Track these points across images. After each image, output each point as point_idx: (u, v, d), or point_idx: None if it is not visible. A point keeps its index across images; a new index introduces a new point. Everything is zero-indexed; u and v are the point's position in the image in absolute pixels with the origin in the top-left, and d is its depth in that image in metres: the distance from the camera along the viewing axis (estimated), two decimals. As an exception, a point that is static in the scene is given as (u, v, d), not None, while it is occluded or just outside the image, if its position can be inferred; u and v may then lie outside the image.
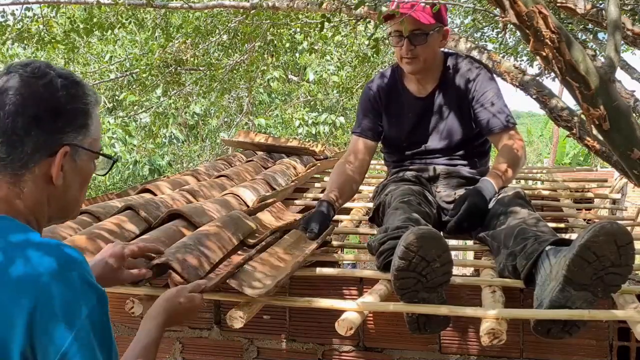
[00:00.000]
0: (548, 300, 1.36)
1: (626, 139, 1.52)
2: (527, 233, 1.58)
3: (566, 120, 2.47)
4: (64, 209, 0.96)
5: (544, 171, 3.68)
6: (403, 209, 1.80)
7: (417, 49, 2.00)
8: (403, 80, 2.17)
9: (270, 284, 1.44)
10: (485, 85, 2.06)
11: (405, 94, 2.16)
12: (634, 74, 4.21)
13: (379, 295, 1.51)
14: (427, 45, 2.01)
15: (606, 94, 1.47)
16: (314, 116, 8.55)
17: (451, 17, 6.21)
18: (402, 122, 2.16)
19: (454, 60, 2.12)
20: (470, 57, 2.22)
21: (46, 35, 4.82)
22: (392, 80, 2.18)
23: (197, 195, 2.25)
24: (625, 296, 1.47)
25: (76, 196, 0.97)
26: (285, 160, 3.05)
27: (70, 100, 0.90)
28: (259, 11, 4.53)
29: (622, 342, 1.69)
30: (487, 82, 2.07)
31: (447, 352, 1.75)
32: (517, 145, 2.01)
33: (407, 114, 2.15)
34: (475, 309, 1.42)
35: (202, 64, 6.03)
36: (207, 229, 1.64)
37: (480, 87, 2.06)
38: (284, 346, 1.88)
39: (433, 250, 1.40)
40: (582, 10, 2.21)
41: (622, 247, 1.30)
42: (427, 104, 2.12)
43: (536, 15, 1.39)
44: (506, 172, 1.94)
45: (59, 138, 0.90)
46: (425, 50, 2.01)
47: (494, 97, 2.05)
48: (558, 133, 12.61)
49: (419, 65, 2.04)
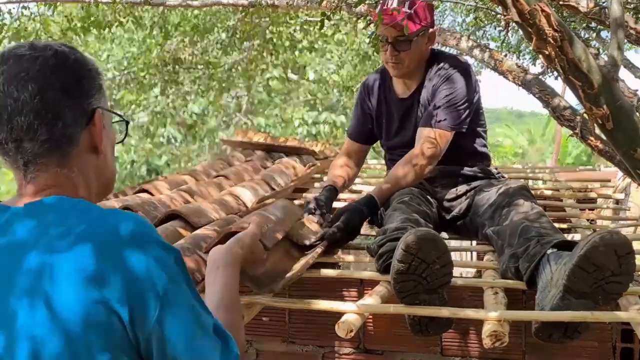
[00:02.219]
0: (549, 307, 1.35)
1: (629, 139, 1.51)
2: (530, 232, 1.57)
3: (569, 120, 2.45)
4: (107, 182, 0.93)
5: (546, 171, 3.66)
6: (402, 210, 1.79)
7: (400, 55, 2.01)
8: (391, 81, 2.17)
9: (275, 283, 1.43)
10: (445, 86, 2.02)
11: (392, 95, 2.17)
12: (637, 73, 4.19)
13: (380, 297, 1.49)
14: (411, 51, 2.01)
15: (609, 92, 1.45)
16: (314, 115, 8.54)
17: (453, 16, 6.20)
18: (390, 123, 2.18)
19: (438, 60, 2.09)
20: (456, 56, 2.17)
21: (43, 34, 4.80)
22: (381, 81, 2.20)
23: (195, 195, 2.23)
24: (628, 297, 1.45)
25: (113, 166, 0.93)
26: (284, 160, 3.03)
27: (82, 64, 0.87)
28: (258, 9, 4.51)
29: (625, 344, 1.68)
30: (452, 82, 2.01)
31: (448, 354, 1.74)
32: (421, 151, 1.96)
33: (393, 115, 2.17)
34: (477, 311, 1.41)
35: (201, 63, 6.02)
36: (206, 232, 1.63)
37: (441, 86, 2.02)
38: (283, 348, 1.86)
39: (432, 252, 1.38)
40: (585, 9, 2.19)
41: (622, 257, 1.28)
42: (408, 104, 2.12)
43: (539, 13, 1.37)
44: (398, 179, 1.95)
45: (90, 102, 0.86)
46: (408, 56, 2.01)
47: (444, 97, 2.00)
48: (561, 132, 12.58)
49: (403, 69, 2.05)
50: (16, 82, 0.80)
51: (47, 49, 0.84)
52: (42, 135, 0.81)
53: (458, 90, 2.01)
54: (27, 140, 0.81)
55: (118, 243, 0.76)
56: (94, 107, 0.86)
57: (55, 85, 0.82)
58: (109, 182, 0.93)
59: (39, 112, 0.81)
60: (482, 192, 1.97)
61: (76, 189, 0.85)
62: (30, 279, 0.75)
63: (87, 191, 0.87)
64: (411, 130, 2.11)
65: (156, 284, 0.76)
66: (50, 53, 0.83)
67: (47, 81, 0.81)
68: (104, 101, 0.89)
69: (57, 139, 0.82)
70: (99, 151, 0.88)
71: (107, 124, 0.91)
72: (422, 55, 2.07)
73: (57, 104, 0.82)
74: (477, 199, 1.97)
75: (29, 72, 0.81)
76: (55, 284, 0.74)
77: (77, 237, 0.76)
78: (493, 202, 1.86)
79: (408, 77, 2.10)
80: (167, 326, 0.77)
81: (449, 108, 1.99)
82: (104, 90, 0.91)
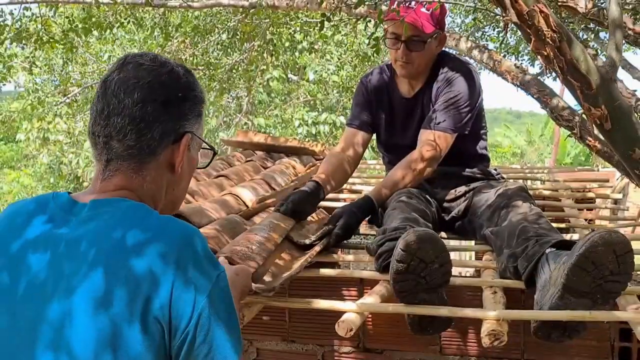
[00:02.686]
0: (547, 306, 1.36)
1: (628, 139, 1.51)
2: (528, 232, 1.57)
3: (567, 120, 2.46)
4: (176, 200, 0.97)
5: (545, 171, 3.67)
6: (401, 209, 1.79)
7: (412, 55, 1.99)
8: (395, 80, 2.16)
9: (273, 280, 1.44)
10: (449, 88, 2.02)
11: (396, 93, 2.16)
12: (635, 74, 4.20)
13: (379, 296, 1.50)
14: (424, 52, 1.99)
15: (607, 93, 1.46)
16: (314, 116, 8.55)
17: (452, 17, 6.21)
18: (393, 122, 2.16)
19: (444, 61, 2.09)
20: (460, 59, 2.16)
21: (44, 35, 4.81)
22: (385, 78, 2.18)
23: (196, 195, 2.24)
24: (626, 297, 1.45)
25: (185, 188, 0.98)
26: (284, 160, 3.04)
27: (191, 88, 0.93)
28: (259, 10, 4.52)
29: (624, 343, 1.68)
30: (455, 85, 2.01)
31: (447, 353, 1.74)
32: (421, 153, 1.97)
33: (396, 113, 2.16)
34: (475, 310, 1.42)
35: (201, 64, 6.03)
36: (206, 232, 1.63)
37: (445, 89, 2.02)
38: (283, 347, 1.87)
39: (431, 252, 1.39)
40: (583, 9, 2.20)
41: (620, 256, 1.29)
42: (412, 104, 2.12)
43: (537, 14, 1.38)
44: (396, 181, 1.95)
45: (183, 125, 0.91)
46: (420, 57, 2.00)
47: (446, 100, 2.00)
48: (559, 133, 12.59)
49: (412, 69, 2.03)
50: (125, 86, 0.87)
51: (165, 65, 0.90)
52: (130, 140, 0.87)
53: (461, 92, 2.00)
54: (117, 140, 0.87)
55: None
56: (186, 130, 0.92)
57: (158, 99, 0.88)
58: (175, 202, 0.98)
59: (134, 119, 0.87)
60: (480, 193, 1.98)
61: (144, 196, 0.90)
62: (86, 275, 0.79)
63: (153, 203, 0.92)
64: (412, 131, 2.11)
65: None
66: (165, 70, 0.90)
67: (153, 93, 0.88)
68: (197, 128, 0.95)
69: (140, 147, 0.88)
70: (174, 170, 0.93)
71: (194, 149, 0.96)
72: (432, 57, 2.06)
73: (153, 116, 0.88)
74: (475, 200, 1.97)
75: (140, 80, 0.88)
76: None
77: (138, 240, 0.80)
78: (492, 204, 1.86)
79: (414, 77, 2.09)
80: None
81: (451, 110, 1.99)
82: (202, 118, 0.97)
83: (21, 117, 9.17)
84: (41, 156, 10.06)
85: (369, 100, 2.18)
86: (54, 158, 10.46)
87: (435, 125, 1.99)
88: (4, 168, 15.21)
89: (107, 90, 0.88)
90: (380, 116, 2.19)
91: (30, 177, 12.76)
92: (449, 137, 1.99)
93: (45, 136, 8.50)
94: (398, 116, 2.15)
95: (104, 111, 0.87)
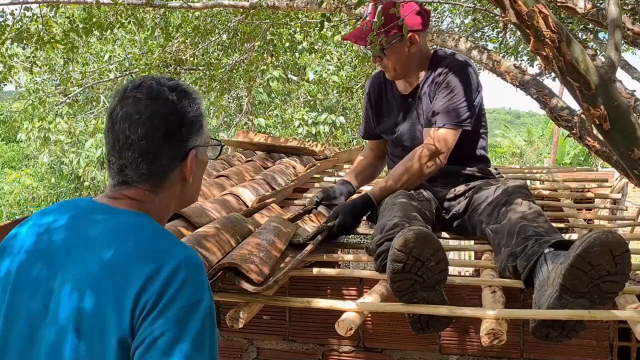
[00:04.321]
0: (545, 306, 1.36)
1: (626, 139, 1.52)
2: (528, 231, 1.57)
3: (566, 120, 2.47)
4: (192, 197, 1.10)
5: (544, 171, 3.67)
6: (399, 206, 1.80)
7: (383, 61, 2.08)
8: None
9: (270, 280, 1.44)
10: (446, 85, 2.03)
11: (394, 91, 2.21)
12: (634, 74, 4.21)
13: (379, 295, 1.50)
14: (390, 57, 2.06)
15: (606, 93, 1.47)
16: (314, 116, 8.55)
17: (451, 17, 6.21)
18: (392, 118, 2.21)
19: (440, 59, 2.10)
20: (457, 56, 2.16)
21: (45, 35, 4.82)
22: (384, 78, 2.23)
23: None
24: (625, 296, 1.46)
25: (199, 184, 1.11)
26: (284, 160, 3.04)
27: (187, 111, 1.02)
28: (259, 10, 4.52)
29: (623, 343, 1.69)
30: (453, 82, 2.02)
31: (447, 352, 1.75)
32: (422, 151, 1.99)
33: (394, 110, 2.20)
34: (475, 309, 1.42)
35: (202, 64, 6.03)
36: (206, 231, 1.64)
37: (442, 85, 2.04)
38: (283, 346, 1.88)
39: (426, 250, 1.40)
40: (583, 10, 2.21)
41: (617, 257, 1.29)
42: (410, 101, 2.16)
43: (536, 14, 1.39)
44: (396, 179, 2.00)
45: (186, 145, 1.02)
46: (391, 61, 2.07)
47: (446, 96, 2.02)
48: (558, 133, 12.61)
49: (393, 73, 2.12)
50: (129, 123, 0.98)
51: (159, 95, 1.00)
52: (142, 169, 1.00)
53: (459, 88, 2.02)
54: (130, 169, 1.00)
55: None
56: (190, 148, 1.03)
57: (159, 131, 0.99)
58: (192, 198, 1.11)
59: (143, 152, 0.99)
60: (480, 190, 1.99)
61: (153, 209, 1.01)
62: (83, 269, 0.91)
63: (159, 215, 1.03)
64: (410, 126, 2.14)
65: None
66: (161, 101, 1.00)
67: (153, 128, 0.99)
68: (201, 138, 1.05)
69: (154, 173, 1.01)
70: (187, 180, 1.05)
71: (201, 154, 1.07)
72: (410, 58, 2.07)
73: (159, 146, 1.00)
74: (475, 197, 1.98)
75: (141, 116, 0.98)
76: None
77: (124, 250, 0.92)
78: (492, 201, 1.87)
79: (404, 77, 2.14)
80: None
81: (451, 106, 2.01)
82: (204, 127, 1.07)
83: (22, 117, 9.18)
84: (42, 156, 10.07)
85: (369, 105, 2.29)
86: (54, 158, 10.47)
87: (437, 122, 2.01)
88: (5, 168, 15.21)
89: (115, 126, 0.99)
90: (381, 115, 2.24)
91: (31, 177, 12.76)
92: (453, 133, 2.01)
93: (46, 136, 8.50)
94: (396, 112, 2.20)
95: (116, 146, 0.99)
